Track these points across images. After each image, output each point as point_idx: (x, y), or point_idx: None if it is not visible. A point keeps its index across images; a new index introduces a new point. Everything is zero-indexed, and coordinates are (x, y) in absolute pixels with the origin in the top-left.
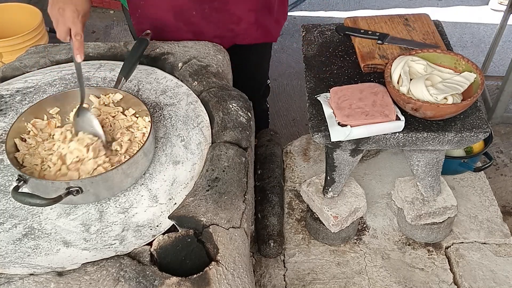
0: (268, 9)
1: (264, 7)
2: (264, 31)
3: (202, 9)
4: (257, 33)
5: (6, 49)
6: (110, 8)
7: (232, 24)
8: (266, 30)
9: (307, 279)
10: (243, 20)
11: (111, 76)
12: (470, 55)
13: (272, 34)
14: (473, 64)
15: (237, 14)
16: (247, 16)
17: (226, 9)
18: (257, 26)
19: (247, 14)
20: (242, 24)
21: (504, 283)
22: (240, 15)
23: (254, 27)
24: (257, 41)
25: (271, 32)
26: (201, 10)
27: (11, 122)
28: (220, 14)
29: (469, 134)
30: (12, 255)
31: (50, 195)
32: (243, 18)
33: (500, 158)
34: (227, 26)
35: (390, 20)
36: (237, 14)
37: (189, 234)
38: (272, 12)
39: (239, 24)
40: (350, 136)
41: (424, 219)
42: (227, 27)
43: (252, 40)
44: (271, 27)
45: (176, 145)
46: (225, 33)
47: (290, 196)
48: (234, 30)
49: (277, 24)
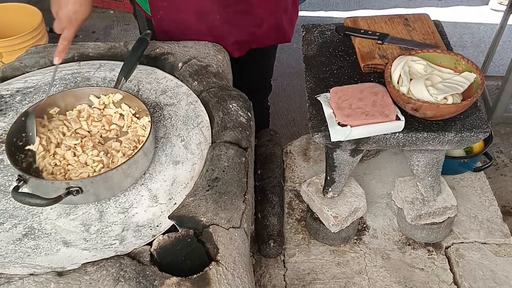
0: (285, 10)
1: (282, 8)
2: (282, 33)
3: (226, 12)
4: (275, 35)
5: (6, 49)
6: (110, 8)
7: (254, 27)
8: (284, 31)
9: (307, 279)
10: (265, 23)
11: (111, 76)
12: (470, 55)
13: (288, 34)
14: (473, 64)
15: (260, 17)
16: (269, 19)
17: (250, 12)
18: (276, 28)
19: (269, 16)
20: (263, 27)
21: (504, 283)
22: (263, 17)
23: (273, 30)
24: (273, 42)
25: (287, 32)
26: (225, 13)
27: (11, 122)
28: (243, 17)
29: (469, 134)
30: (12, 255)
31: (50, 195)
32: (265, 21)
33: (500, 158)
34: (248, 30)
35: (390, 20)
36: (260, 16)
37: (189, 234)
38: (287, 11)
39: (261, 27)
40: (350, 136)
41: (424, 219)
42: (249, 31)
43: (269, 43)
44: (287, 27)
45: (176, 145)
46: (246, 37)
47: (290, 196)
48: (255, 33)
49: (291, 23)
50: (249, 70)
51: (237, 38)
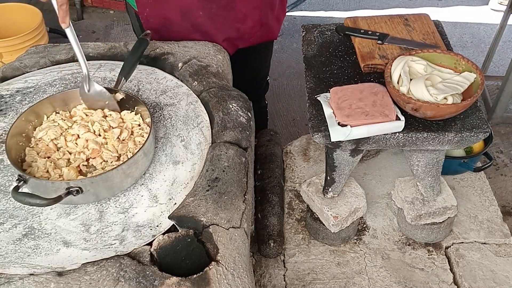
0: (271, 7)
1: (267, 4)
2: (266, 29)
3: (209, 8)
4: (261, 32)
5: (6, 49)
6: (110, 8)
7: (238, 23)
8: (268, 27)
9: (307, 279)
10: (249, 18)
11: (111, 76)
12: (470, 55)
13: (274, 32)
14: (473, 64)
15: (243, 12)
16: (252, 14)
17: (233, 7)
18: (261, 24)
19: (252, 11)
20: (247, 22)
21: (504, 283)
22: (246, 12)
23: (258, 26)
24: (260, 40)
25: (273, 29)
26: (208, 9)
27: (11, 122)
28: (226, 12)
29: (469, 134)
30: (12, 255)
31: (50, 195)
32: (249, 16)
33: (500, 158)
34: (232, 25)
35: (390, 20)
36: (243, 11)
37: (189, 234)
38: (273, 9)
39: (245, 22)
40: (350, 136)
41: (424, 219)
42: (233, 26)
43: (255, 41)
44: (272, 25)
45: (176, 145)
46: (231, 33)
47: (290, 196)
48: (240, 29)
49: (278, 21)
50: (242, 70)
51: (224, 35)
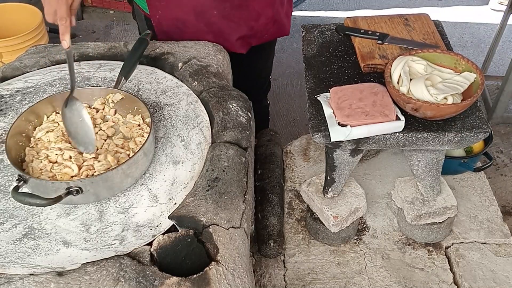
0: (281, 3)
1: (279, 1)
2: (279, 25)
3: (223, 7)
4: (273, 28)
5: (6, 49)
6: (110, 8)
7: (252, 21)
8: (281, 24)
9: (307, 279)
10: (262, 16)
11: (111, 76)
12: (470, 55)
13: (285, 28)
14: (473, 64)
15: (256, 9)
16: (266, 11)
17: (246, 5)
18: (274, 21)
19: (265, 9)
20: (261, 20)
21: (504, 283)
22: (259, 10)
23: (271, 23)
24: (272, 37)
25: (285, 25)
26: (222, 8)
27: (11, 122)
28: (240, 11)
29: (469, 134)
30: (12, 255)
31: (50, 195)
32: (262, 14)
33: (500, 158)
34: (247, 24)
35: (390, 20)
36: (257, 9)
37: (189, 234)
38: (283, 5)
39: (258, 20)
40: (350, 136)
41: (424, 219)
42: (247, 25)
43: (268, 38)
44: (284, 21)
45: (176, 145)
46: (245, 32)
47: (290, 196)
48: (254, 27)
49: (287, 17)
50: (248, 68)
51: (238, 34)
